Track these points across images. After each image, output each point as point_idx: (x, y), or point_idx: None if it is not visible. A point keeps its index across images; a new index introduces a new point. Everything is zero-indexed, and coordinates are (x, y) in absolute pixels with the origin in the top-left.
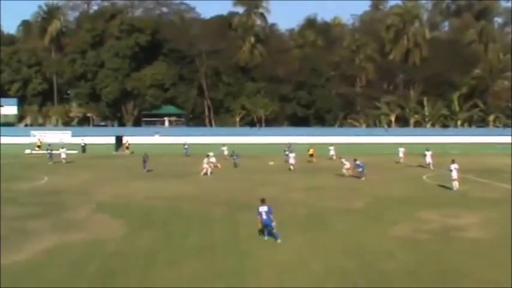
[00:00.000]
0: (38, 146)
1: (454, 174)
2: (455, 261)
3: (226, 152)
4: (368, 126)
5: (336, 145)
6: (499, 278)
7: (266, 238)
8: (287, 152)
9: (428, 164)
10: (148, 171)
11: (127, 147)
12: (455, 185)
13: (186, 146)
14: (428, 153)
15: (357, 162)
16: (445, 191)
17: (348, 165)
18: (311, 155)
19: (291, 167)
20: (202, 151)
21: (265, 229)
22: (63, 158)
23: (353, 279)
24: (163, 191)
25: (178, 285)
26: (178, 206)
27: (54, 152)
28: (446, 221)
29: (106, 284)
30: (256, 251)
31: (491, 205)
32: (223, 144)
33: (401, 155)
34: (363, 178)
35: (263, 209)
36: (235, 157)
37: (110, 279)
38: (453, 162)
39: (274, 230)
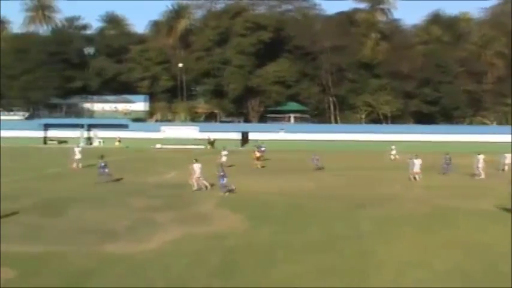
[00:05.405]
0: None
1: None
2: None
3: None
4: (499, 123)
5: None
6: None
7: None
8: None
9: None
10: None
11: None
12: None
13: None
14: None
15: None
16: None
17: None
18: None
19: (417, 177)
20: (328, 148)
21: None
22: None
23: (475, 280)
24: (282, 187)
25: (297, 281)
26: (297, 202)
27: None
28: None
29: (227, 276)
30: (376, 248)
31: None
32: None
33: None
34: None
35: None
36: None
37: (230, 272)
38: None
39: None
